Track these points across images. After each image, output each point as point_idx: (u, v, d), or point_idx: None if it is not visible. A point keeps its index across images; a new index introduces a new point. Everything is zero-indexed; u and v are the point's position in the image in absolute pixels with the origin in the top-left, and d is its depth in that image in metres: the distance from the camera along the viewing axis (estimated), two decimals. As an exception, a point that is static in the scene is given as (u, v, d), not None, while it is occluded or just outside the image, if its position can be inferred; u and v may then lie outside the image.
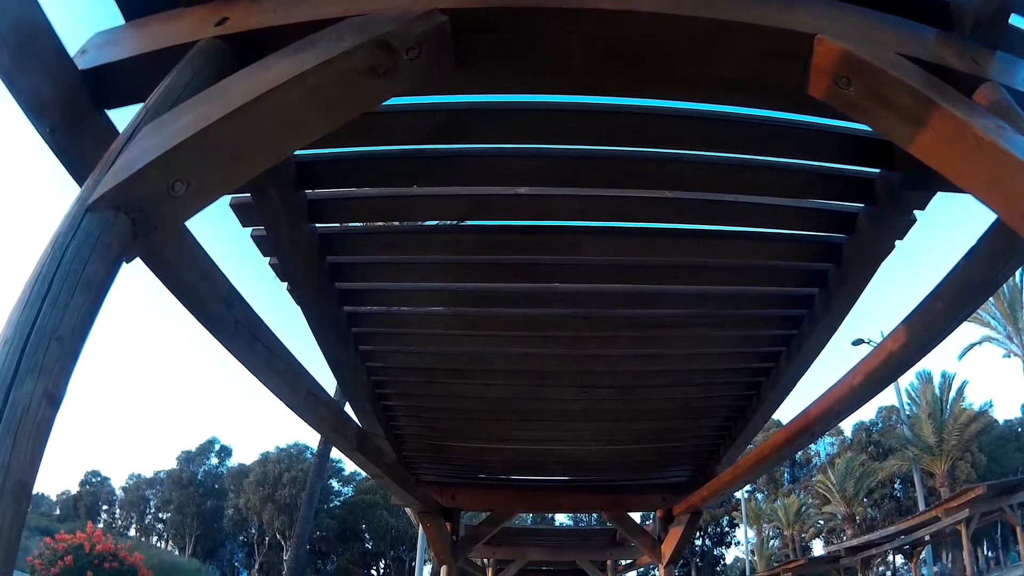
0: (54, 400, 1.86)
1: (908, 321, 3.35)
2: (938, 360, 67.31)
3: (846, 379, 4.07)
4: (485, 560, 18.54)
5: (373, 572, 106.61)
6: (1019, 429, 74.07)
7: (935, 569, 44.17)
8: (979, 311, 34.09)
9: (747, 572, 61.37)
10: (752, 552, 65.47)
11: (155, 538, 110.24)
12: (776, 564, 47.27)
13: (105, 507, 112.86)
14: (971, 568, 24.18)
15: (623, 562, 18.74)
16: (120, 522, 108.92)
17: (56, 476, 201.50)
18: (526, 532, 16.95)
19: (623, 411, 6.38)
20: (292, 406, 4.14)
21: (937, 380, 37.54)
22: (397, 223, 4.24)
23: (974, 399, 50.44)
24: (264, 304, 3.60)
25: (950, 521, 22.63)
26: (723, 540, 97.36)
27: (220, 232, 5.10)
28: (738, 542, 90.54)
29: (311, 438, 73.75)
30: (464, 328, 4.99)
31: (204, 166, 2.17)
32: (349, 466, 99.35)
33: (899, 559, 77.33)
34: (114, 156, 2.15)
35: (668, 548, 8.27)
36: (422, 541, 31.45)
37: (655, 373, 5.75)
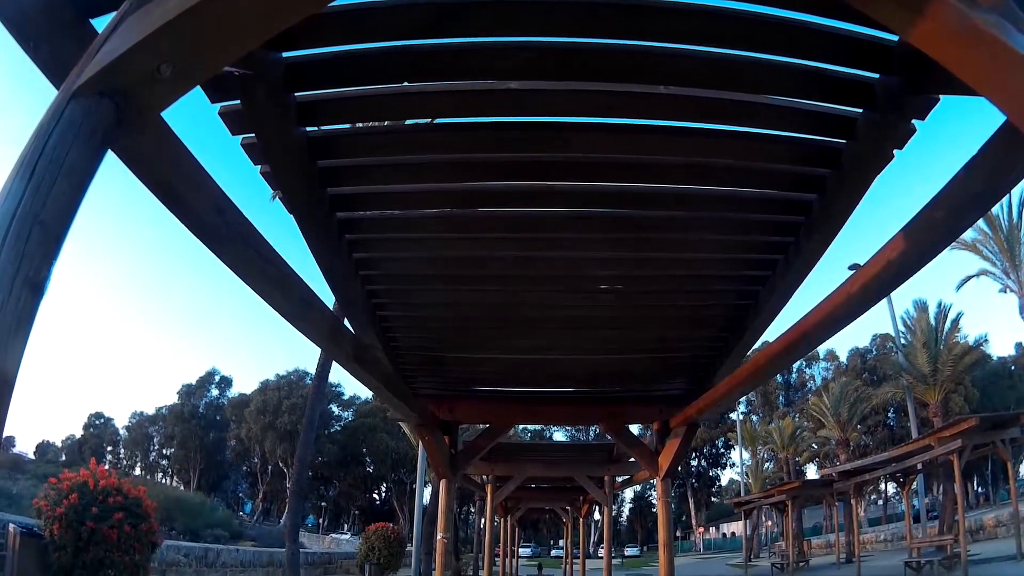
0: (36, 287, 1.84)
1: (907, 229, 3.30)
2: (934, 290, 67.82)
3: (843, 287, 4.04)
4: (484, 477, 18.91)
5: (375, 496, 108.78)
6: (1012, 367, 74.98)
7: (926, 500, 44.97)
8: (978, 244, 34.21)
9: (742, 493, 62.43)
10: (747, 474, 66.49)
11: (160, 475, 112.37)
12: (770, 486, 48.02)
13: (110, 448, 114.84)
14: (962, 500, 24.58)
15: (620, 478, 19.13)
16: (125, 462, 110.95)
17: (61, 422, 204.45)
18: (524, 448, 17.24)
19: (620, 318, 6.36)
20: (286, 314, 4.13)
21: (933, 310, 37.62)
22: (387, 123, 4.19)
23: (969, 332, 50.98)
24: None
25: (943, 450, 22.89)
26: (718, 461, 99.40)
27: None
28: (733, 464, 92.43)
29: (310, 363, 74.08)
30: (458, 231, 4.93)
31: (189, 47, 2.14)
32: (348, 390, 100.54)
33: (891, 488, 79.11)
34: (99, 45, 2.14)
35: (665, 461, 8.36)
36: (422, 463, 31.91)
37: (652, 278, 5.72)
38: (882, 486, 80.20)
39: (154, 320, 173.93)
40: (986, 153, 2.72)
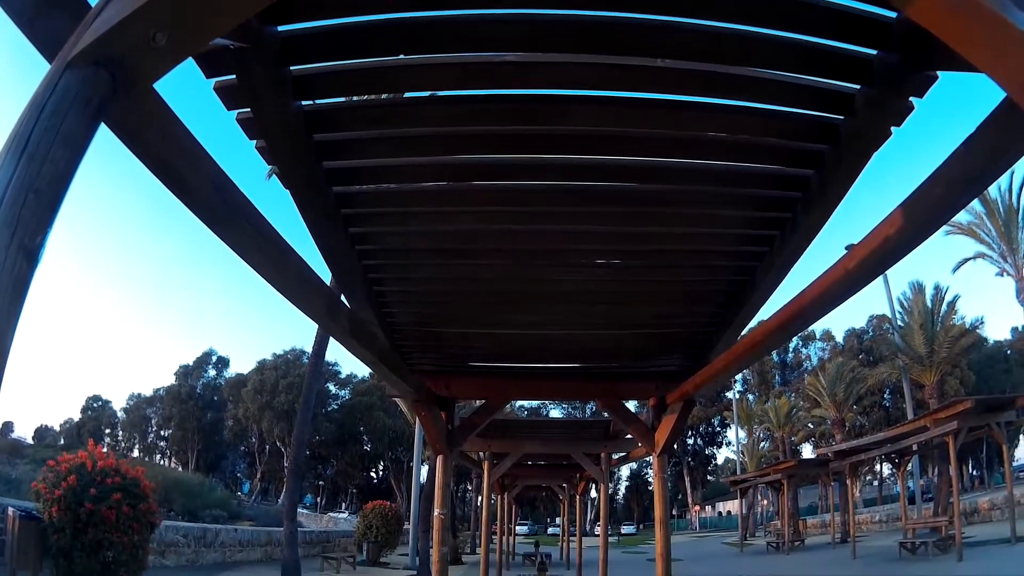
0: (31, 254, 1.84)
1: (905, 205, 3.30)
2: (931, 274, 68.25)
3: (840, 263, 4.03)
4: (481, 454, 18.99)
5: (372, 474, 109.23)
6: (1008, 351, 75.24)
7: (921, 482, 45.22)
8: (975, 227, 34.27)
9: (737, 472, 62.78)
10: (742, 453, 66.85)
11: (158, 456, 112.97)
12: (766, 465, 48.31)
13: (108, 431, 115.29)
14: (957, 482, 24.73)
15: (616, 455, 19.21)
16: (123, 444, 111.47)
17: (59, 406, 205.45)
18: (521, 425, 17.32)
19: (617, 293, 6.35)
20: (283, 290, 4.13)
21: (929, 292, 37.71)
22: (384, 96, 4.18)
23: (966, 314, 51.17)
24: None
25: (938, 432, 23.05)
26: (714, 440, 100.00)
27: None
28: (729, 442, 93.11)
29: (307, 342, 74.24)
30: (455, 204, 4.91)
31: (185, 15, 2.14)
32: (345, 368, 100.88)
33: (886, 469, 79.64)
34: (95, 15, 2.14)
35: (661, 437, 8.39)
36: (419, 441, 32.11)
37: (649, 253, 5.70)
38: (877, 467, 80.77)
39: (150, 303, 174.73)
40: (985, 130, 2.71)
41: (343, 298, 5.70)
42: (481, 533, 20.32)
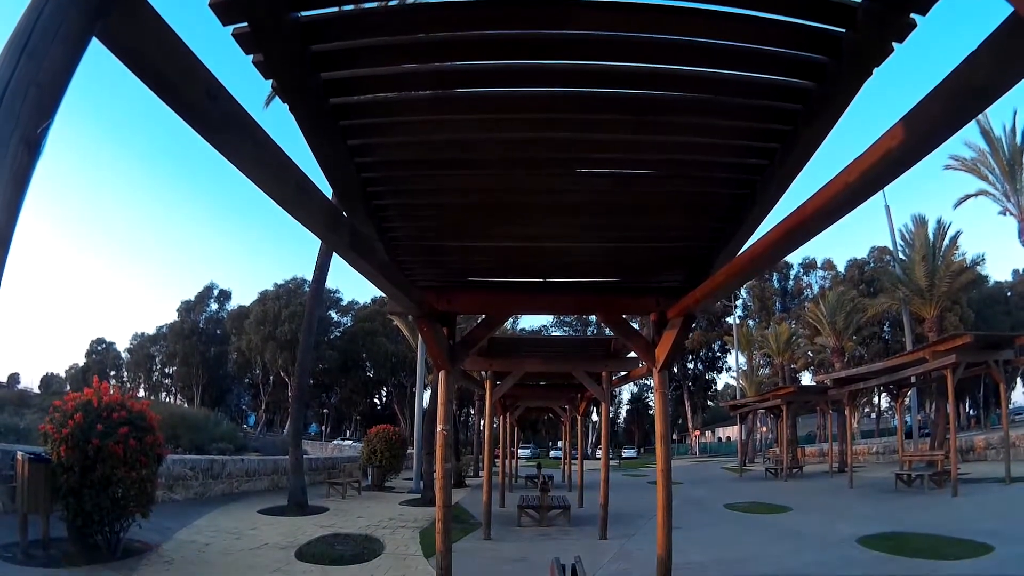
0: (33, 145, 1.88)
1: (907, 118, 3.27)
2: (933, 211, 68.16)
3: (841, 175, 4.01)
4: (483, 373, 19.18)
5: (376, 400, 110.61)
6: (1009, 293, 75.44)
7: (918, 417, 45.63)
8: (978, 164, 34.10)
9: (737, 397, 63.46)
10: (742, 378, 67.48)
11: (163, 394, 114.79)
12: (766, 390, 48.79)
13: (113, 372, 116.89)
14: (954, 417, 24.93)
15: (618, 374, 19.42)
16: (128, 384, 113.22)
17: (64, 353, 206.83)
18: (522, 343, 17.47)
19: (619, 205, 6.33)
20: (283, 202, 4.13)
21: (932, 226, 37.64)
22: (381, 3, 4.15)
23: (967, 250, 51.16)
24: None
25: (937, 364, 23.19)
26: (714, 365, 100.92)
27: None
28: (729, 368, 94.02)
29: (308, 270, 74.34)
30: (454, 112, 4.86)
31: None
32: (347, 295, 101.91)
33: (884, 403, 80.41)
34: None
35: (662, 352, 8.50)
36: (422, 365, 32.41)
37: (651, 162, 5.69)
38: (876, 400, 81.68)
39: (150, 240, 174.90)
40: (990, 45, 2.69)
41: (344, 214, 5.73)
42: (484, 456, 20.61)
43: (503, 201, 6.28)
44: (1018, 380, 76.72)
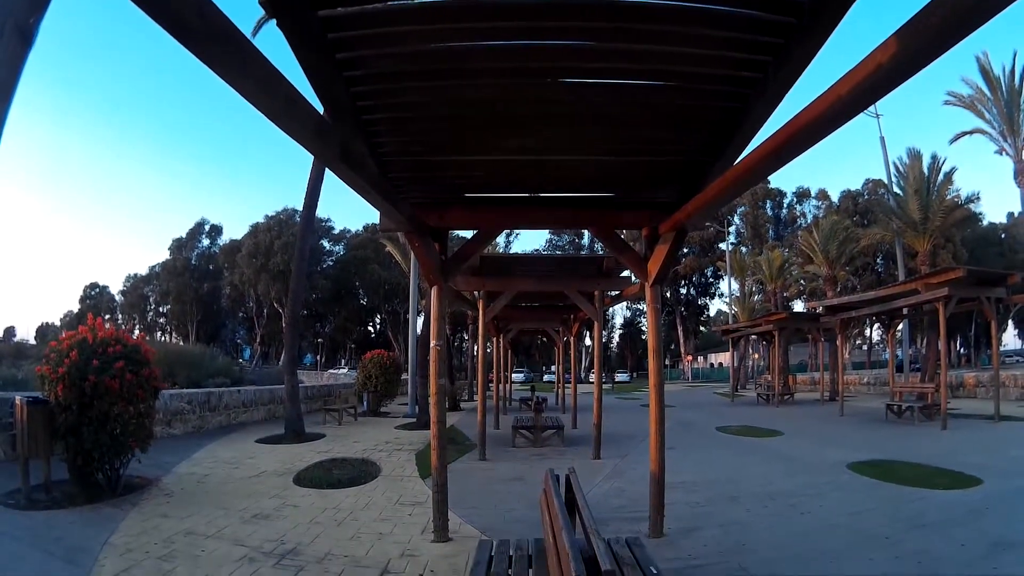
0: (25, 35, 1.88)
1: (900, 33, 3.23)
2: (931, 147, 67.74)
3: (833, 88, 3.96)
4: (476, 293, 19.19)
5: (370, 328, 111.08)
6: (1003, 235, 75.32)
7: (910, 352, 45.83)
8: (975, 102, 33.90)
9: (730, 321, 63.82)
10: (734, 304, 67.73)
11: (159, 333, 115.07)
12: (759, 317, 49.02)
13: (108, 316, 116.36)
14: (945, 350, 25.05)
15: (611, 293, 19.48)
16: (124, 326, 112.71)
17: (58, 303, 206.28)
18: (515, 262, 17.28)
19: (612, 116, 6.29)
20: (271, 113, 4.09)
21: (927, 161, 37.48)
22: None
23: (961, 186, 50.90)
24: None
25: (929, 296, 23.19)
26: (707, 291, 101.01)
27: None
28: (722, 294, 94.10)
29: (299, 200, 73.95)
30: (444, 20, 4.78)
31: None
32: (339, 223, 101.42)
33: (876, 335, 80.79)
34: None
35: (654, 267, 8.62)
36: (414, 291, 32.45)
37: (644, 72, 5.61)
38: (867, 332, 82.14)
39: (138, 181, 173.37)
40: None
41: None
42: (478, 380, 20.78)
43: (494, 112, 6.21)
44: (1009, 322, 77.26)
